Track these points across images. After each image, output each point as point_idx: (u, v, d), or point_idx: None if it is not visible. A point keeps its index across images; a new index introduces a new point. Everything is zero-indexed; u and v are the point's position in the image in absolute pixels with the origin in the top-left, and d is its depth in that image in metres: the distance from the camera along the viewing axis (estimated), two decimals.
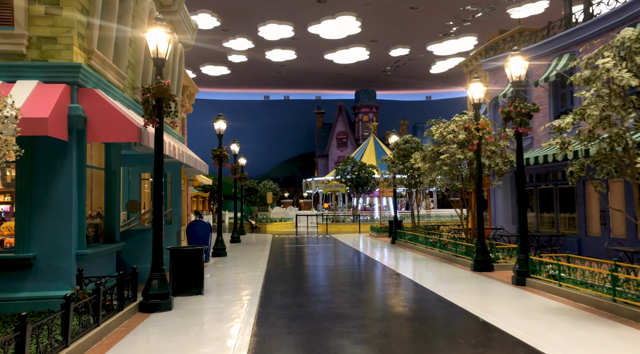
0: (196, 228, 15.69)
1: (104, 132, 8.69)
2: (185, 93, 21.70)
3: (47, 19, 8.43)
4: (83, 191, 8.75)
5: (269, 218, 40.13)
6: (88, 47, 9.09)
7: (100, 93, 8.84)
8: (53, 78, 8.36)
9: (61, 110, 8.08)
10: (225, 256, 17.52)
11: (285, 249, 20.60)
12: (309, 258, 17.59)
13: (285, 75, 77.19)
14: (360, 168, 37.20)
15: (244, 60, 66.78)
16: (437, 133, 15.57)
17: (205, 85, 77.53)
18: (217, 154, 17.47)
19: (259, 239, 26.43)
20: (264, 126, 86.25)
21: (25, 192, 8.26)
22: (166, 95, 8.63)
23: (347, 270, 14.17)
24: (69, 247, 8.38)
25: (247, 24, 54.87)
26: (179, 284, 10.02)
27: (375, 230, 28.98)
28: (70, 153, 8.44)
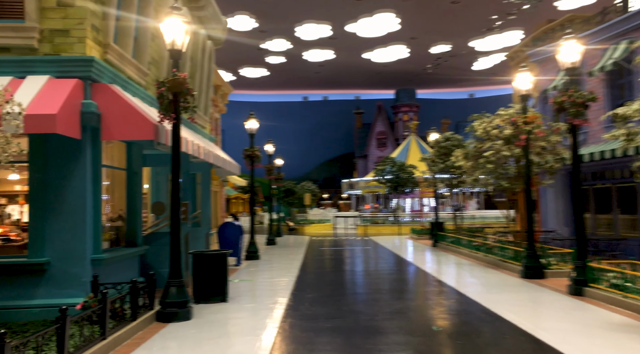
0: (226, 230, 15.17)
1: (119, 130, 8.17)
2: (219, 92, 21.30)
3: (59, 11, 7.99)
4: (98, 192, 8.27)
5: (307, 219, 39.52)
6: (104, 41, 8.61)
7: (116, 89, 8.34)
8: (65, 73, 7.90)
9: (72, 106, 7.60)
10: (258, 259, 16.94)
11: (320, 252, 19.87)
12: (344, 262, 16.79)
13: (323, 75, 76.60)
14: (400, 168, 36.10)
15: (282, 61, 66.60)
16: (481, 129, 14.48)
17: (244, 88, 77.87)
18: (249, 154, 16.91)
19: (295, 241, 25.81)
20: (303, 127, 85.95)
21: (38, 194, 7.83)
22: (183, 89, 8.03)
23: (383, 276, 13.30)
24: (83, 252, 7.90)
25: (285, 25, 54.58)
26: (202, 291, 9.42)
27: (416, 232, 27.88)
28: (83, 153, 7.96)
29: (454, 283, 11.60)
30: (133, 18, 9.66)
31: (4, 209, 10.67)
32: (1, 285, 7.71)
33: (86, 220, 7.92)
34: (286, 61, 66.16)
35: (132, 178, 10.07)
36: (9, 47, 7.88)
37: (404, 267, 15.09)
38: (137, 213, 10.07)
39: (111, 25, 8.73)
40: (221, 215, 21.67)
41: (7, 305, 7.59)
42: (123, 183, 10.02)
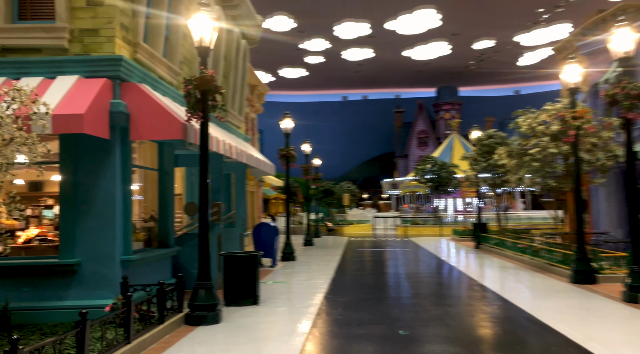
0: (262, 231, 15.00)
1: (148, 129, 8.06)
2: (255, 92, 21.22)
3: (89, 11, 7.94)
4: (128, 193, 8.18)
5: (346, 220, 39.14)
6: (133, 40, 8.53)
7: (145, 88, 8.23)
8: (94, 73, 7.84)
9: (101, 106, 7.53)
10: (294, 260, 16.70)
11: (358, 253, 19.48)
12: (382, 264, 16.35)
13: (362, 74, 75.99)
14: (441, 168, 35.23)
15: (321, 61, 66.41)
16: (525, 125, 13.75)
17: (283, 89, 78.17)
18: (284, 154, 16.71)
19: (333, 242, 25.50)
20: (343, 127, 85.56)
21: (69, 194, 7.80)
22: (210, 87, 7.84)
23: (421, 279, 12.80)
24: (113, 253, 7.81)
25: (323, 24, 54.37)
26: (233, 293, 9.23)
27: (458, 233, 27.08)
28: (113, 153, 7.88)
29: (497, 287, 11.00)
30: (164, 17, 9.56)
31: (42, 210, 10.79)
32: (34, 285, 7.72)
33: (115, 221, 7.84)
34: (325, 61, 65.93)
35: (164, 179, 9.99)
36: (40, 48, 7.89)
37: (443, 270, 14.52)
38: (169, 214, 9.98)
39: (141, 24, 8.64)
40: (258, 216, 21.58)
41: (39, 306, 7.59)
42: (155, 184, 9.95)
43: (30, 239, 9.72)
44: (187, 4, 10.83)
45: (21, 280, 7.72)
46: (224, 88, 14.23)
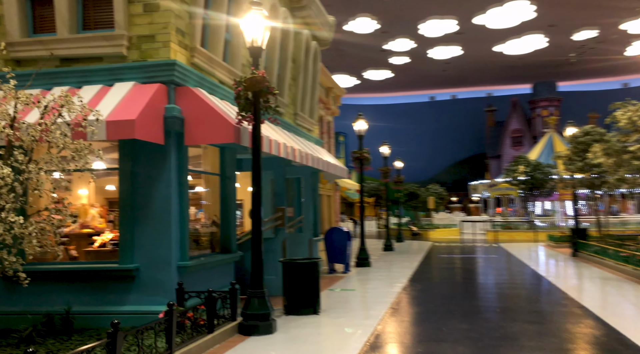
0: (333, 236, 14.62)
1: (201, 134, 7.96)
2: (330, 95, 20.95)
3: (146, 17, 8.00)
4: (184, 198, 8.13)
5: (431, 224, 37.80)
6: (190, 44, 8.50)
7: (200, 92, 8.15)
8: (150, 78, 7.87)
9: (154, 111, 7.52)
10: (368, 266, 16.15)
11: (439, 260, 18.50)
12: (462, 272, 15.33)
13: (451, 73, 73.53)
14: (535, 168, 32.91)
15: (407, 61, 65.12)
16: (625, 119, 12.20)
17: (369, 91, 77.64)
18: (357, 156, 16.22)
19: (415, 247, 24.55)
20: (430, 128, 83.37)
21: (127, 200, 7.88)
22: (262, 87, 7.57)
23: (503, 291, 11.75)
24: (169, 258, 7.78)
25: (407, 23, 53.23)
26: (292, 302, 8.90)
27: (553, 239, 25.00)
28: (168, 158, 7.86)
29: (592, 303, 9.73)
30: (223, 20, 9.48)
31: (116, 215, 11.13)
32: (96, 290, 7.86)
33: (171, 226, 7.80)
34: (410, 61, 64.58)
35: (226, 184, 9.90)
36: (102, 56, 8.07)
37: (532, 280, 13.27)
38: (231, 218, 9.88)
39: (199, 28, 8.60)
40: (335, 220, 21.26)
41: (100, 310, 7.71)
42: (217, 189, 9.89)
43: (104, 243, 10.05)
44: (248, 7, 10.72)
45: (84, 284, 7.90)
46: (293, 90, 14.08)
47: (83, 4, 8.28)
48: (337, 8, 48.47)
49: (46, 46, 8.05)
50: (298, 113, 14.28)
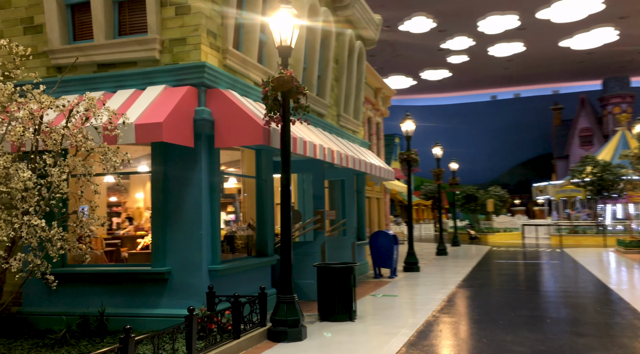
0: (379, 240, 14.24)
1: (230, 136, 7.89)
2: (379, 96, 20.54)
3: (177, 20, 8.03)
4: (216, 200, 8.08)
5: (491, 227, 36.36)
6: (222, 46, 8.46)
7: (231, 94, 8.08)
8: (180, 81, 7.89)
9: (183, 113, 7.52)
10: (417, 271, 15.62)
11: (494, 265, 17.64)
12: (517, 279, 14.50)
13: (513, 70, 70.89)
14: (604, 169, 30.91)
15: (465, 60, 63.34)
16: None
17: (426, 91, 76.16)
18: (405, 158, 15.74)
19: (471, 252, 23.62)
20: (492, 128, 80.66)
21: (159, 203, 7.92)
22: (290, 87, 7.39)
23: (557, 300, 10.95)
24: (199, 262, 7.75)
25: (465, 21, 51.75)
26: (327, 308, 8.65)
27: (622, 244, 23.33)
28: (199, 160, 7.84)
29: None
30: (258, 22, 9.39)
31: None
32: (130, 292, 7.95)
33: (202, 229, 7.76)
34: (469, 59, 62.76)
35: (262, 186, 9.80)
36: (136, 61, 8.17)
37: (594, 290, 12.31)
38: (268, 222, 9.76)
39: (231, 30, 8.54)
40: (385, 223, 20.80)
41: (134, 313, 7.76)
42: (253, 192, 9.82)
43: (147, 245, 10.23)
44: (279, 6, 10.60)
45: (118, 286, 8.00)
46: (336, 91, 13.84)
47: (119, 9, 8.43)
48: (391, 8, 47.88)
49: (84, 52, 8.25)
50: (341, 114, 14.03)
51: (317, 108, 12.35)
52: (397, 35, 54.86)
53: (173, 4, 8.04)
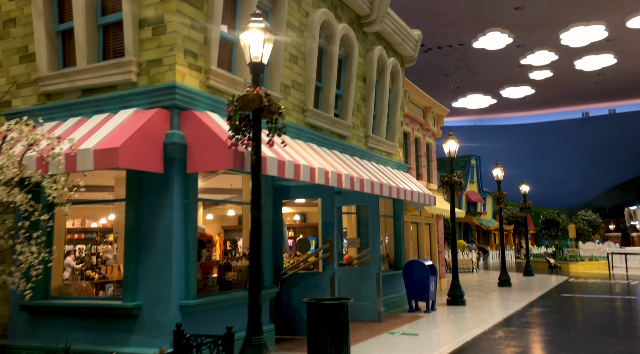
0: (414, 270, 13.06)
1: (202, 160, 7.35)
2: (428, 115, 19.33)
3: (154, 41, 7.70)
4: (191, 230, 7.53)
5: (575, 255, 33.05)
6: (205, 66, 8.02)
7: (204, 115, 7.58)
8: (154, 103, 7.51)
9: (150, 137, 7.09)
10: (462, 305, 14.14)
11: (558, 300, 15.63)
12: (579, 317, 12.59)
13: (605, 85, 65.81)
14: None
15: (549, 76, 59.67)
16: None
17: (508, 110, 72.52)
18: (446, 181, 14.45)
19: (541, 283, 21.33)
20: (584, 147, 74.87)
21: (132, 233, 7.51)
22: (257, 106, 6.73)
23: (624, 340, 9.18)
24: (169, 296, 7.20)
25: (546, 34, 48.87)
26: (316, 349, 7.72)
27: None
28: (170, 187, 7.36)
29: None
30: None
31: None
32: (102, 328, 7.51)
33: (172, 261, 7.24)
34: (553, 75, 59.07)
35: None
36: (115, 85, 7.93)
37: None
38: (264, 251, 9.07)
39: (215, 50, 8.09)
40: (438, 250, 19.31)
41: (104, 351, 7.29)
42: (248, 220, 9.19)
43: None
44: (298, 24, 10.07)
45: (93, 321, 7.62)
46: (363, 111, 13.03)
47: (104, 33, 8.29)
48: (462, 25, 46.23)
49: (68, 78, 8.16)
50: (370, 135, 13.15)
51: (336, 129, 11.60)
52: (472, 52, 52.88)
53: (151, 24, 7.75)
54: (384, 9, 13.03)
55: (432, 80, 60.40)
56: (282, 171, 8.00)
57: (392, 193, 11.76)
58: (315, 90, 11.35)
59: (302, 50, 10.59)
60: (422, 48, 51.34)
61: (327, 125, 11.26)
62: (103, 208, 11.63)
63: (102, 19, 8.21)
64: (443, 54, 53.21)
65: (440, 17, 43.77)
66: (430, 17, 43.54)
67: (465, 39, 49.33)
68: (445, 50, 52.05)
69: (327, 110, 11.33)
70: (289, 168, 8.16)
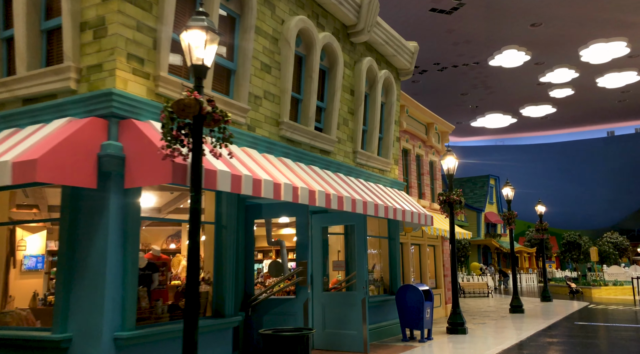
0: (407, 295, 12.03)
1: (141, 174, 6.59)
2: (431, 131, 18.39)
3: (95, 45, 7.06)
4: (130, 252, 6.75)
5: (598, 280, 31.24)
6: (154, 73, 7.34)
7: (147, 125, 6.86)
8: (91, 112, 6.83)
9: (80, 149, 6.38)
10: (463, 334, 12.99)
11: (569, 329, 14.29)
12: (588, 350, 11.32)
13: (630, 103, 63.78)
14: None
15: (571, 94, 58.07)
16: None
17: (529, 130, 70.85)
18: (445, 199, 13.43)
19: (557, 309, 19.88)
20: (610, 167, 72.40)
21: (66, 256, 6.75)
22: (194, 113, 5.96)
23: None
24: (100, 327, 6.38)
25: (565, 51, 47.59)
26: None
27: None
28: (106, 204, 6.61)
29: None
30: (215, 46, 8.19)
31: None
32: None
33: (105, 288, 6.44)
34: (574, 93, 57.44)
35: (221, 234, 8.36)
36: (55, 93, 7.29)
37: None
38: (226, 275, 8.24)
39: (166, 54, 7.42)
40: (444, 274, 18.14)
41: None
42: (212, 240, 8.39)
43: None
44: (270, 30, 9.38)
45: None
46: (351, 126, 12.21)
47: (48, 39, 7.71)
48: (477, 43, 45.30)
49: (8, 87, 7.57)
50: (359, 151, 12.30)
51: (318, 144, 10.80)
52: (489, 70, 51.83)
53: (92, 26, 7.11)
54: (372, 18, 12.29)
55: (449, 100, 59.39)
56: (236, 186, 7.20)
57: (378, 212, 10.84)
58: (295, 102, 10.63)
59: (277, 59, 9.88)
60: (437, 66, 50.54)
61: (306, 139, 10.47)
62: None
63: (46, 23, 7.64)
64: (459, 73, 52.25)
65: (454, 35, 42.98)
66: (443, 35, 42.79)
67: (481, 57, 48.38)
68: (461, 68, 51.09)
69: (306, 123, 10.56)
70: (246, 183, 7.36)
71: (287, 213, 9.73)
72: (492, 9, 38.59)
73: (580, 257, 34.23)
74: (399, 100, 14.64)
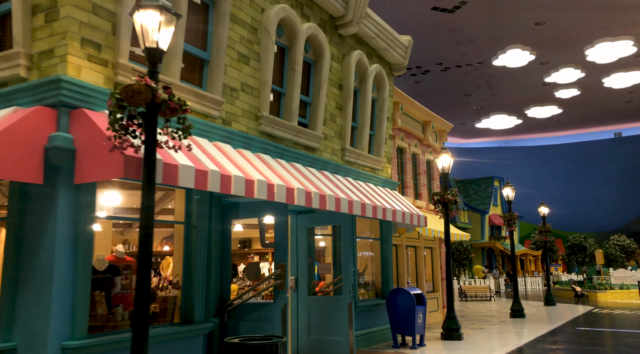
0: (398, 299, 11.41)
1: (91, 168, 6.03)
2: (428, 130, 17.75)
3: (46, 29, 6.52)
4: (82, 254, 6.17)
5: (604, 283, 30.43)
6: (113, 59, 6.78)
7: (99, 115, 6.29)
8: (39, 101, 6.29)
9: (23, 140, 5.83)
10: (458, 340, 12.33)
11: (573, 336, 13.58)
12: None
13: (638, 103, 62.79)
14: None
15: (576, 94, 57.17)
16: None
17: (534, 131, 69.89)
18: (439, 199, 12.80)
19: (560, 314, 19.14)
20: (618, 168, 71.35)
21: (11, 258, 6.19)
22: (146, 101, 5.37)
23: None
24: (46, 336, 5.81)
25: (570, 50, 46.77)
26: None
27: None
28: (54, 202, 6.04)
29: None
30: (182, 34, 7.65)
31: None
32: None
33: (52, 293, 5.87)
34: (580, 93, 56.54)
35: (191, 234, 7.78)
36: (5, 82, 6.75)
37: None
38: (196, 279, 7.66)
39: (126, 40, 6.86)
40: (441, 277, 17.48)
41: None
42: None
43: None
44: (250, 20, 8.80)
45: None
46: (339, 122, 11.62)
47: (1, 24, 7.17)
48: (480, 42, 44.57)
49: None
50: (347, 148, 11.70)
51: (302, 140, 10.21)
52: (493, 71, 51.09)
53: (44, 9, 6.57)
54: (362, 9, 11.70)
55: (452, 101, 58.67)
56: (202, 183, 6.62)
57: (366, 211, 10.23)
58: (277, 95, 10.06)
59: (256, 49, 9.31)
60: (440, 67, 49.83)
61: (289, 134, 9.89)
62: None
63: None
64: (462, 73, 51.51)
65: (457, 34, 42.28)
66: (445, 34, 42.11)
67: (484, 57, 47.64)
68: (465, 69, 50.36)
69: (289, 118, 9.97)
70: (213, 179, 6.78)
71: (267, 212, 9.12)
72: (495, 7, 37.90)
73: (586, 260, 33.41)
74: (391, 96, 14.04)
